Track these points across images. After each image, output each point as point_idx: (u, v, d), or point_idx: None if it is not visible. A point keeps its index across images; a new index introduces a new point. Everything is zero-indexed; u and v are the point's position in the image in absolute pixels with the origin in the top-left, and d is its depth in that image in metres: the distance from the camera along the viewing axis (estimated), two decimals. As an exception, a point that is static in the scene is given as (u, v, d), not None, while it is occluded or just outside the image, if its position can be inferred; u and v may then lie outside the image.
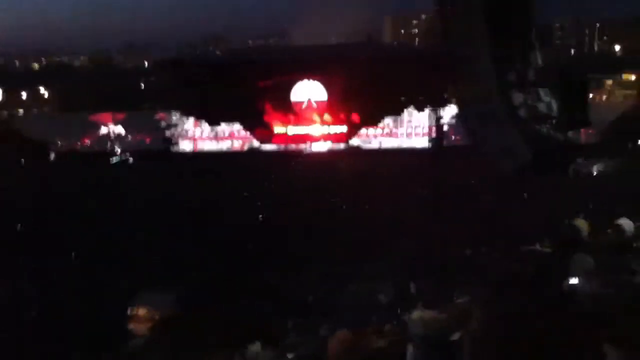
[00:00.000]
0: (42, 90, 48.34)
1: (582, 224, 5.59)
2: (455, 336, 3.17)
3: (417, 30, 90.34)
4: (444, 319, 3.66)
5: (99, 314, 8.79)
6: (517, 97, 7.57)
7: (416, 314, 3.50)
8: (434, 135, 33.09)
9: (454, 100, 26.64)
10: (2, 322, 9.15)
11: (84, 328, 8.88)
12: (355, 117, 33.22)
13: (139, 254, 12.78)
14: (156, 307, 3.73)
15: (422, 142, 33.34)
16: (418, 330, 3.34)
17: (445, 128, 32.68)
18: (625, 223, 5.86)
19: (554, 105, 7.78)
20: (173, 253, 12.71)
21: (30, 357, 8.33)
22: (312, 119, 33.70)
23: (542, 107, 7.70)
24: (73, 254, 13.80)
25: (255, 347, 3.45)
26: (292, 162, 29.63)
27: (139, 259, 12.31)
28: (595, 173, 21.93)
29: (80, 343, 8.19)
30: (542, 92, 7.69)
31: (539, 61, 7.86)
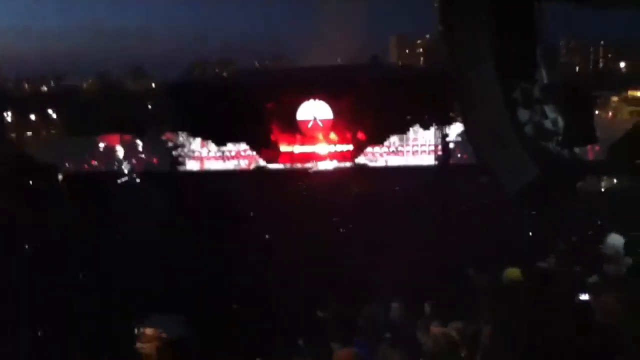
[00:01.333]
0: (50, 113, 48.79)
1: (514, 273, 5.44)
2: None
3: (421, 50, 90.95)
4: (456, 336, 3.63)
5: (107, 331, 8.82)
6: (523, 115, 7.56)
7: (429, 331, 3.48)
8: (439, 153, 33.11)
9: (459, 118, 26.66)
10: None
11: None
12: (361, 136, 33.31)
13: (143, 273, 12.74)
14: (163, 328, 3.73)
15: (428, 160, 33.35)
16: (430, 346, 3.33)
17: (451, 146, 32.71)
18: (615, 239, 5.86)
19: (560, 122, 7.76)
20: (177, 272, 12.67)
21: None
22: (317, 138, 33.80)
23: (548, 124, 7.68)
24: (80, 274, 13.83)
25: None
26: (298, 181, 29.65)
27: (143, 279, 12.27)
28: (601, 190, 21.76)
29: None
30: (547, 109, 7.67)
31: (545, 79, 7.85)
